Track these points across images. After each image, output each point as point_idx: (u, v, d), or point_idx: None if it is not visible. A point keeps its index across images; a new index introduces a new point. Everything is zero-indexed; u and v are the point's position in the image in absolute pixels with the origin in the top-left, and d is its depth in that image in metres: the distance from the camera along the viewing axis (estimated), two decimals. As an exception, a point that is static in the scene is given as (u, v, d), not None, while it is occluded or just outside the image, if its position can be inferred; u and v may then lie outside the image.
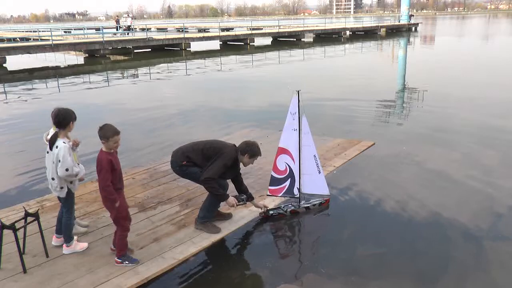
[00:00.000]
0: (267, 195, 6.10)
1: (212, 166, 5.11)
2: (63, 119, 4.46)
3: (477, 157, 8.15)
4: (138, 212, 5.82)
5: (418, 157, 8.12)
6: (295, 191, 5.99)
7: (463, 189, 6.71)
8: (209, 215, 5.35)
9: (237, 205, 5.35)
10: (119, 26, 43.19)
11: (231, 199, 5.25)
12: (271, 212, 5.81)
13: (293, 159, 5.85)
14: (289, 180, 5.94)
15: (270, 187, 6.02)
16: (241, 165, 5.46)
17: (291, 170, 5.90)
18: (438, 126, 10.36)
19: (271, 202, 6.10)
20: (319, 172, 5.99)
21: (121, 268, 4.49)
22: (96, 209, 5.88)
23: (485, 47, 35.45)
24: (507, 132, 9.80)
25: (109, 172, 4.28)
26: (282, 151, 5.85)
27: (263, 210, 5.74)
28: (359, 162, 7.89)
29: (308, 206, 6.04)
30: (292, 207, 5.95)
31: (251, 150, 5.30)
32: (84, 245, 4.90)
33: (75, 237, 4.95)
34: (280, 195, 6.03)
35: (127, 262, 4.54)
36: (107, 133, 4.26)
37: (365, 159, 8.07)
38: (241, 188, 5.59)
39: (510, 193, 6.49)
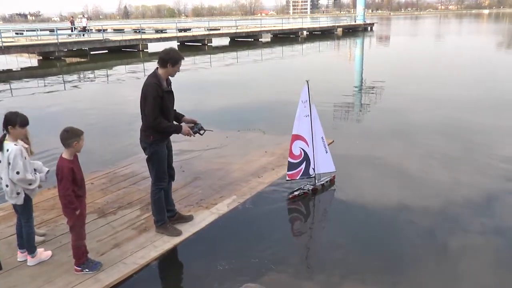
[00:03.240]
0: (287, 180, 6.66)
1: (147, 109, 4.78)
2: (8, 122, 4.31)
3: (435, 152, 8.45)
4: (97, 218, 5.71)
5: (377, 153, 8.33)
6: (311, 172, 6.67)
7: (423, 184, 6.94)
8: (162, 217, 5.28)
9: (193, 134, 5.16)
10: (74, 27, 42.13)
11: (186, 128, 5.05)
12: (296, 192, 6.46)
13: (307, 143, 6.56)
14: (304, 163, 6.61)
15: (288, 172, 6.59)
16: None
17: (305, 153, 6.58)
18: (396, 122, 10.69)
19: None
20: (326, 152, 6.77)
21: (81, 276, 4.40)
22: (54, 216, 5.73)
23: (438, 46, 36.63)
24: (464, 126, 10.22)
25: (70, 181, 4.17)
26: (296, 137, 6.50)
27: (288, 196, 6.40)
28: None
29: (323, 183, 6.80)
30: (312, 186, 6.65)
31: (171, 58, 4.83)
32: (48, 253, 4.77)
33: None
34: (298, 178, 6.64)
35: (87, 269, 4.45)
36: (78, 132, 4.21)
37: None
38: (187, 119, 5.29)
39: (469, 186, 6.76)
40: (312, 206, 6.43)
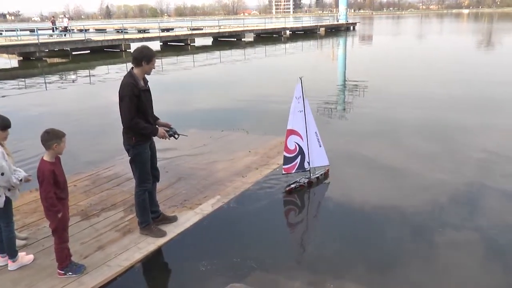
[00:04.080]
0: (283, 173, 6.88)
1: (123, 110, 4.75)
2: None
3: (418, 149, 8.58)
4: (81, 221, 5.66)
5: (362, 151, 8.39)
6: (306, 165, 6.91)
7: (407, 180, 7.05)
8: (146, 218, 5.26)
9: (168, 137, 5.14)
10: (56, 27, 41.61)
11: (161, 131, 5.02)
12: (292, 185, 6.66)
13: (301, 138, 6.79)
14: (299, 157, 6.84)
15: (284, 166, 6.83)
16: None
17: (300, 147, 6.82)
18: (380, 121, 10.80)
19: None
20: (320, 146, 6.99)
21: (65, 280, 4.35)
22: (35, 220, 5.65)
23: (420, 45, 37.04)
24: (447, 125, 10.35)
25: (51, 184, 4.12)
26: (291, 132, 6.74)
27: (285, 188, 6.60)
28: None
29: (318, 176, 7.03)
30: (308, 179, 6.86)
31: (145, 56, 4.79)
32: (30, 257, 4.70)
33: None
34: (293, 171, 6.88)
35: (70, 273, 4.40)
36: (59, 134, 4.16)
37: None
38: (161, 123, 5.24)
39: (452, 183, 6.84)
40: (298, 203, 6.47)
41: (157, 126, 5.10)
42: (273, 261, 4.82)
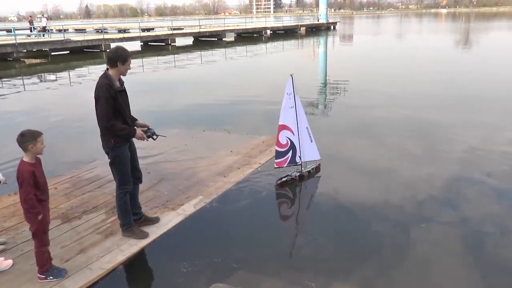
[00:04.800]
0: (275, 167, 7.08)
1: (99, 111, 4.68)
2: None
3: (400, 148, 8.68)
4: (61, 224, 5.59)
5: (343, 149, 8.46)
6: (297, 159, 7.10)
7: (390, 177, 7.14)
8: (128, 220, 5.22)
9: (147, 138, 5.10)
10: (33, 27, 40.96)
11: (139, 132, 4.99)
12: (284, 179, 6.88)
13: (292, 133, 6.99)
14: (291, 151, 7.04)
15: (276, 160, 7.05)
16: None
17: (292, 142, 7.01)
18: (361, 120, 10.91)
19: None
20: (311, 141, 7.18)
21: (45, 284, 4.29)
22: (14, 224, 5.56)
23: (400, 44, 37.47)
24: (428, 123, 10.50)
25: (31, 185, 4.06)
26: (283, 127, 6.92)
27: (277, 182, 6.83)
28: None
29: (309, 171, 7.24)
30: (299, 173, 7.08)
31: (120, 56, 4.74)
32: (9, 262, 4.62)
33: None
34: (285, 165, 7.07)
35: (51, 277, 4.34)
36: (34, 134, 4.10)
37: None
38: (139, 124, 5.20)
39: (433, 180, 6.95)
40: (281, 201, 6.50)
41: (135, 127, 5.07)
42: (256, 260, 4.83)
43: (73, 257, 4.80)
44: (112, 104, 4.69)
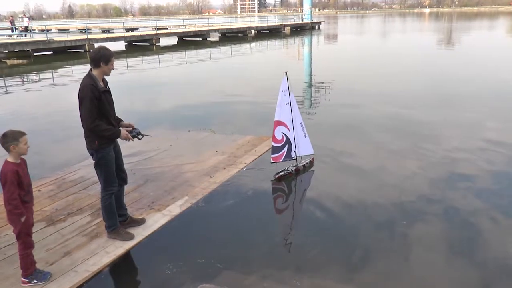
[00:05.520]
0: (271, 162, 7.25)
1: (84, 112, 4.65)
2: None
3: (385, 145, 8.78)
4: (46, 226, 5.54)
5: (330, 149, 8.49)
6: (293, 154, 7.32)
7: (376, 175, 7.20)
8: (113, 222, 5.20)
9: (132, 138, 5.09)
10: (15, 27, 40.42)
11: (124, 132, 4.97)
12: (281, 173, 7.11)
13: (288, 128, 7.21)
14: (286, 146, 7.25)
15: (272, 155, 7.24)
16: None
17: (287, 137, 7.24)
18: (346, 119, 11.00)
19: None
20: (305, 136, 7.43)
21: (30, 288, 4.26)
22: (-2, 226, 5.51)
23: (384, 44, 37.77)
24: (413, 121, 10.63)
25: (15, 185, 4.01)
26: (278, 123, 7.15)
27: (274, 176, 7.05)
28: (270, 158, 8.09)
29: (304, 165, 7.49)
30: (294, 167, 7.31)
31: (102, 56, 4.71)
32: None
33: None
34: (281, 160, 7.28)
35: (35, 281, 4.30)
36: (15, 135, 4.06)
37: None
38: (124, 124, 5.20)
39: (417, 179, 7.03)
40: (267, 200, 6.51)
41: (120, 127, 5.05)
42: (242, 260, 4.85)
43: (58, 260, 4.77)
44: (96, 105, 4.66)
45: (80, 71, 23.89)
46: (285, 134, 7.22)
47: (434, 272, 4.58)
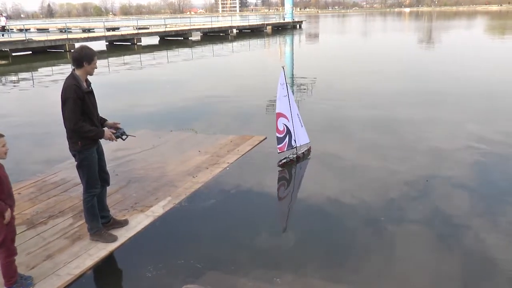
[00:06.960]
0: (278, 153, 7.74)
1: (67, 113, 4.59)
2: None
3: (370, 144, 8.83)
4: (26, 230, 5.46)
5: (312, 147, 8.52)
6: (293, 143, 7.88)
7: (360, 176, 7.23)
8: (96, 224, 5.15)
9: (116, 139, 5.05)
10: (-9, 27, 39.75)
11: (108, 133, 4.92)
12: (284, 160, 7.69)
13: (287, 119, 7.73)
14: (287, 136, 7.78)
15: (278, 146, 7.72)
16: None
17: (287, 128, 7.76)
18: (329, 117, 11.08)
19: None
20: (302, 126, 8.01)
21: (12, 295, 4.18)
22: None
23: (366, 43, 38.10)
24: (396, 119, 10.75)
25: None
26: (280, 115, 7.66)
27: (278, 163, 7.62)
28: (252, 157, 8.13)
29: (303, 152, 8.04)
30: (296, 154, 7.87)
31: (85, 56, 4.65)
32: None
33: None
34: (286, 149, 7.79)
35: (19, 288, 4.21)
36: None
37: (258, 153, 8.35)
38: (109, 124, 5.14)
39: (403, 177, 7.11)
40: (250, 198, 6.50)
41: (105, 127, 5.01)
42: (227, 260, 4.85)
43: (39, 263, 4.71)
44: (80, 106, 4.61)
45: (60, 71, 23.62)
46: (285, 125, 7.73)
47: (417, 267, 4.64)
